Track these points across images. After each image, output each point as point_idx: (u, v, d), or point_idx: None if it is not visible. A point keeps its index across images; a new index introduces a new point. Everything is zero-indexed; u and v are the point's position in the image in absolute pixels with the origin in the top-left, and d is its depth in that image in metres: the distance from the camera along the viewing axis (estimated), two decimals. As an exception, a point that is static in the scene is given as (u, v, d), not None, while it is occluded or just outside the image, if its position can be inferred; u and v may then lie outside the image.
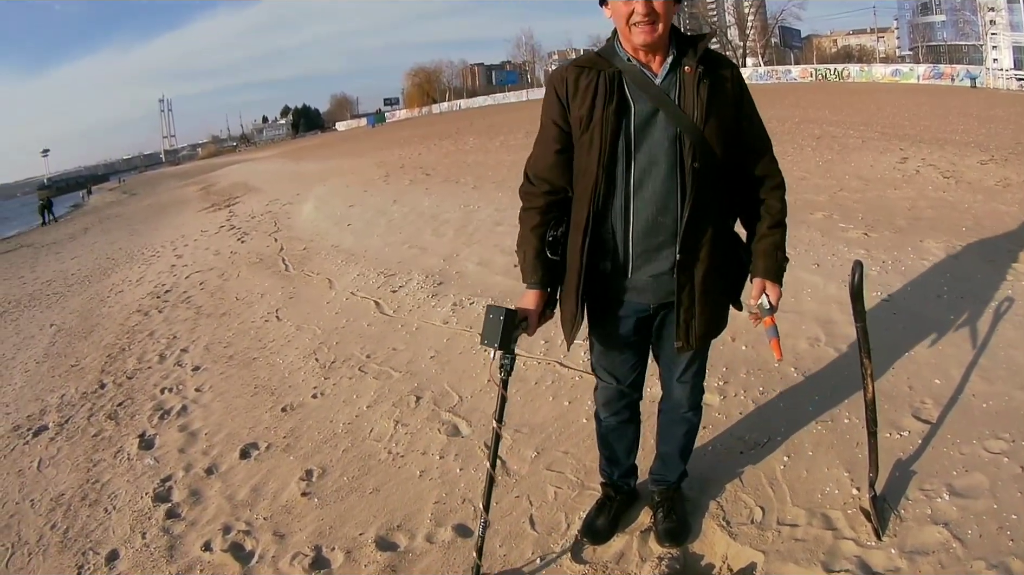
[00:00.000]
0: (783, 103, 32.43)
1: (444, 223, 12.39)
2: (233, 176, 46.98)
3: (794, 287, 7.03)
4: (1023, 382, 4.98)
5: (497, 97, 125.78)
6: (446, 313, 8.01)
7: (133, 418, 7.05)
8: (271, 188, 28.67)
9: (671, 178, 3.11)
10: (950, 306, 6.31)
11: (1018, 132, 18.16)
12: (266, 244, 15.18)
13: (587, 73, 3.17)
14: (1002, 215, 8.95)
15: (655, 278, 3.26)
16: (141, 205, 45.27)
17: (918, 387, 5.08)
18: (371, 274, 10.27)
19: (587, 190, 3.18)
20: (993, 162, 12.45)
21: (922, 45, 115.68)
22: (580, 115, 3.15)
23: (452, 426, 5.49)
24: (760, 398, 5.25)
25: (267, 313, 9.69)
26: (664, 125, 3.10)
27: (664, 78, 3.13)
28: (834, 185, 11.32)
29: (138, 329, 10.55)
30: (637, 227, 3.18)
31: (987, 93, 44.37)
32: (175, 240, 20.04)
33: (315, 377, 7.04)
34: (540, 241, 3.38)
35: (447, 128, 46.79)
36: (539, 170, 3.37)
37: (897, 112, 25.19)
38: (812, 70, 77.82)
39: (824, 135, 17.77)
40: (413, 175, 20.08)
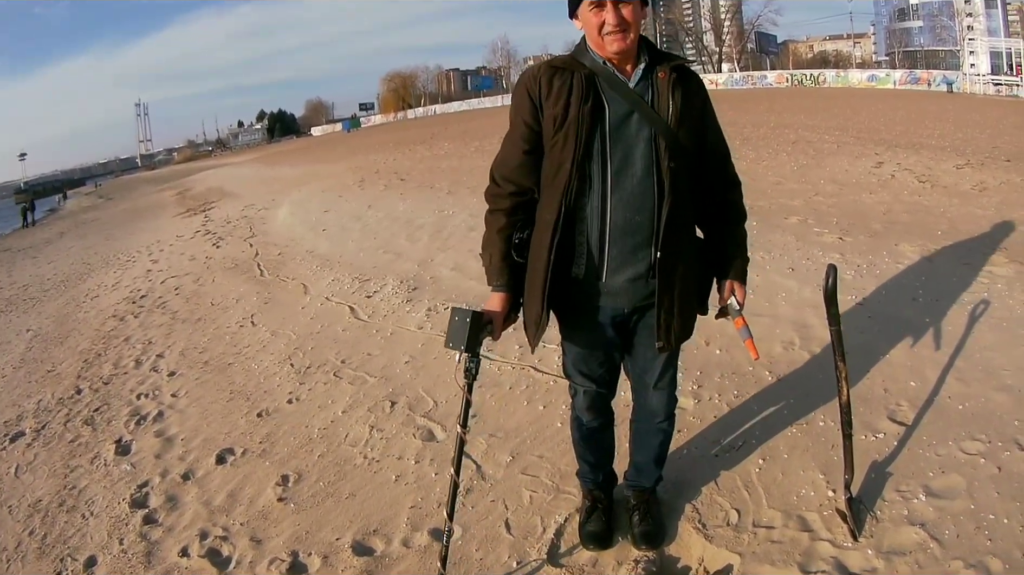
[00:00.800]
0: (758, 108, 32.71)
1: (419, 228, 12.39)
2: (209, 181, 46.85)
3: (769, 291, 7.11)
4: (999, 383, 5.03)
5: (472, 103, 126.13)
6: (420, 318, 8.00)
7: (109, 424, 6.98)
8: (247, 193, 28.58)
9: (647, 178, 3.13)
10: (926, 309, 6.37)
11: (994, 136, 18.40)
12: (241, 249, 15.09)
13: (561, 73, 3.18)
14: (978, 218, 9.05)
15: (631, 281, 3.25)
16: (117, 210, 45.04)
17: (894, 389, 5.12)
18: (346, 279, 10.25)
19: (559, 189, 3.16)
20: (969, 166, 12.58)
21: (899, 51, 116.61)
22: (555, 114, 3.14)
23: (427, 431, 5.47)
24: (735, 401, 5.27)
25: (242, 318, 9.63)
26: (639, 126, 3.13)
27: (638, 82, 3.17)
28: (809, 190, 11.40)
29: (114, 334, 10.45)
30: (613, 228, 3.17)
31: (964, 98, 44.89)
32: (151, 245, 19.88)
33: (290, 382, 6.99)
34: (506, 243, 3.36)
35: (422, 133, 46.87)
36: (506, 171, 3.36)
37: (873, 117, 25.45)
38: (788, 75, 78.47)
39: (799, 140, 17.93)
40: (388, 180, 20.07)
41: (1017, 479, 3.95)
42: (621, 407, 4.07)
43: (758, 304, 6.84)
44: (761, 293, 7.12)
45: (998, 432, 4.43)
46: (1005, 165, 12.82)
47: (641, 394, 3.75)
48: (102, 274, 16.92)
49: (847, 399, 3.62)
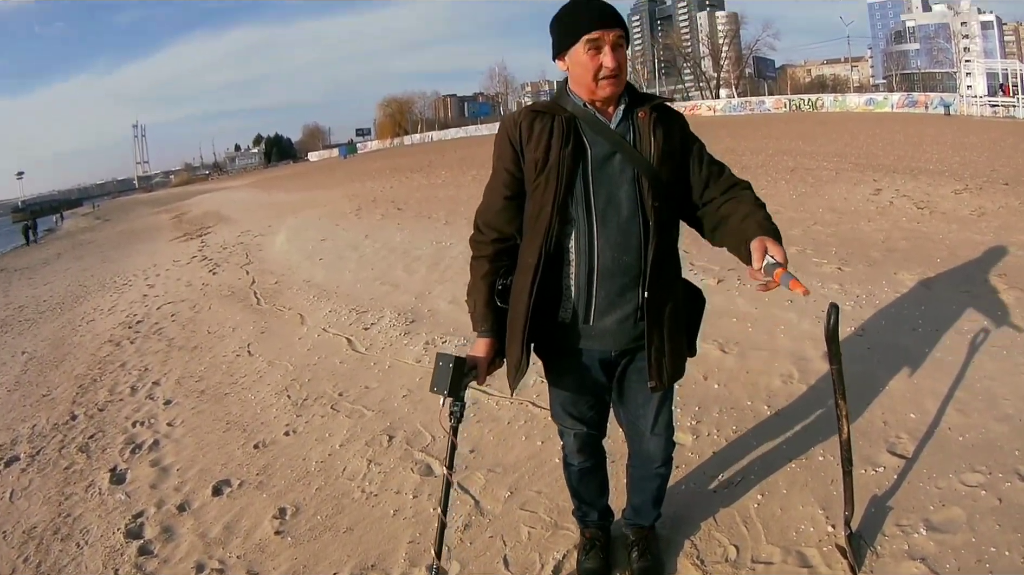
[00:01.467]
0: (756, 135, 32.73)
1: (416, 259, 12.41)
2: (205, 205, 46.91)
3: (767, 324, 7.10)
4: (1000, 413, 5.03)
5: (469, 129, 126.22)
6: (418, 352, 7.98)
7: (104, 451, 6.96)
8: (243, 218, 28.62)
9: (633, 218, 3.12)
10: (925, 339, 6.36)
11: (992, 159, 18.41)
12: (238, 276, 15.09)
13: (542, 117, 3.19)
14: (977, 244, 9.05)
15: (619, 323, 3.23)
16: (114, 231, 45.08)
17: (893, 422, 5.12)
18: (343, 310, 10.24)
19: (540, 232, 3.15)
20: (967, 191, 12.60)
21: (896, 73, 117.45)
22: (536, 158, 3.14)
23: (425, 466, 5.45)
24: (733, 436, 5.25)
25: (239, 348, 9.61)
26: (622, 166, 3.12)
27: (619, 123, 3.18)
28: (808, 218, 11.38)
29: (109, 360, 10.44)
30: (601, 269, 3.14)
31: (961, 120, 44.82)
32: (147, 269, 19.93)
33: (287, 414, 6.97)
34: (490, 290, 3.37)
35: (419, 161, 46.91)
36: (488, 218, 3.38)
37: (871, 142, 25.44)
38: (786, 100, 78.15)
39: (798, 167, 17.93)
40: (385, 209, 20.10)
41: (1018, 510, 3.95)
42: (618, 443, 4.05)
43: (757, 338, 6.87)
44: (760, 326, 7.13)
45: (999, 463, 4.43)
46: (1003, 188, 12.85)
47: (636, 440, 3.72)
48: (98, 297, 16.95)
49: (847, 436, 3.60)
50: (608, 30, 3.02)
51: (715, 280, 8.49)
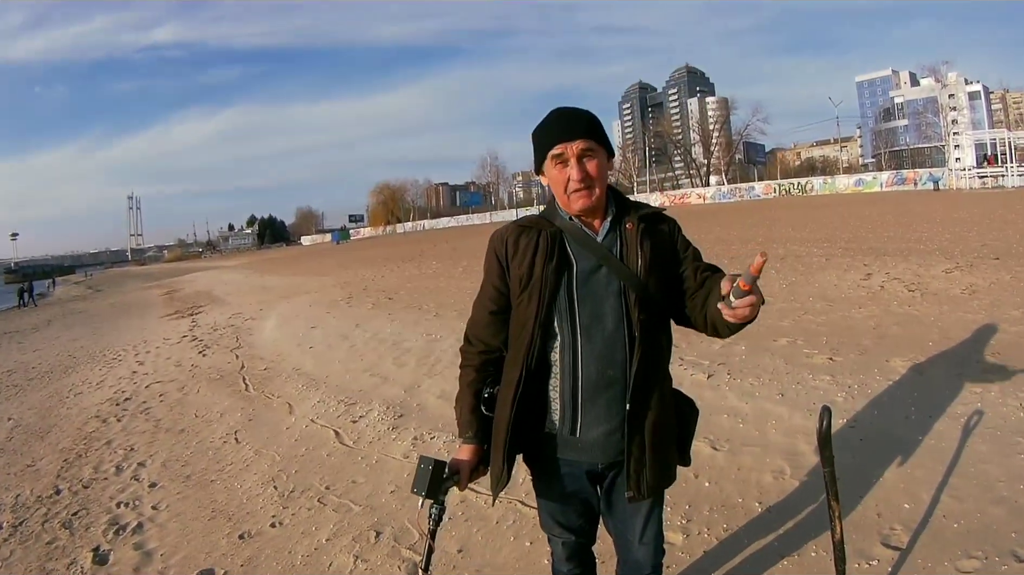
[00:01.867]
0: (746, 223, 32.82)
1: (406, 352, 12.37)
2: (198, 283, 46.88)
3: (758, 419, 7.10)
4: (995, 496, 5.05)
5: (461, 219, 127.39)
6: (407, 447, 7.95)
7: (88, 530, 6.94)
8: (235, 300, 28.62)
9: (618, 331, 3.12)
10: (918, 426, 6.36)
11: (982, 233, 18.50)
12: (227, 360, 15.08)
13: (528, 232, 3.24)
14: (969, 324, 9.10)
15: (606, 436, 3.21)
16: (105, 303, 44.92)
17: (887, 513, 5.12)
18: (332, 401, 10.21)
19: (522, 347, 3.18)
20: (958, 269, 12.63)
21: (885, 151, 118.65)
22: (520, 274, 3.19)
23: (412, 564, 5.42)
24: (724, 535, 5.24)
25: (226, 434, 9.58)
26: (607, 280, 3.14)
27: (606, 235, 3.21)
28: (798, 308, 11.39)
29: (96, 436, 10.42)
30: (586, 383, 3.13)
31: (950, 195, 45.25)
32: (137, 345, 19.89)
33: (274, 505, 6.94)
34: (475, 398, 3.38)
35: (410, 250, 46.91)
36: (476, 331, 3.44)
37: (860, 224, 25.54)
38: (775, 185, 79.32)
39: (788, 255, 17.91)
40: (376, 298, 20.08)
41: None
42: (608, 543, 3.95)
43: (748, 433, 6.85)
44: (751, 421, 7.11)
45: (995, 547, 4.45)
46: (994, 263, 12.91)
47: (624, 550, 3.64)
48: (87, 370, 16.91)
49: (840, 537, 3.62)
50: (570, 142, 3.08)
51: (705, 375, 8.44)
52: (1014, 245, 15.41)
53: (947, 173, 59.81)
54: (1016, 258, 13.34)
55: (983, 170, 55.63)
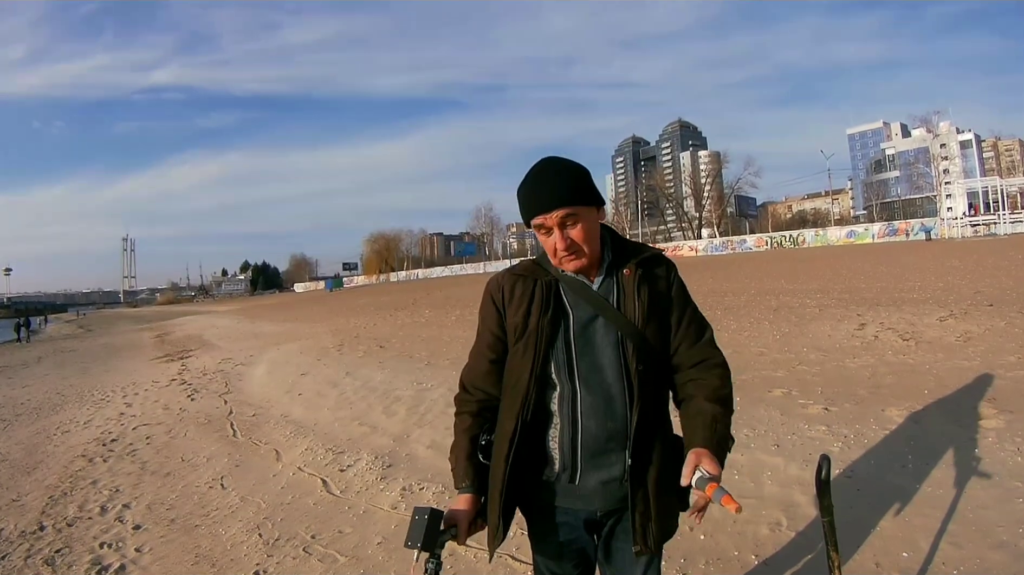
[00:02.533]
0: (738, 275, 32.91)
1: (396, 400, 12.28)
2: (189, 327, 46.86)
3: (754, 470, 7.02)
4: (995, 541, 5.01)
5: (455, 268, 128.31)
6: (395, 498, 7.82)
7: (70, 568, 6.84)
8: (225, 345, 28.59)
9: (617, 383, 3.02)
10: (915, 474, 6.31)
11: (975, 281, 18.65)
12: (216, 405, 14.96)
13: (523, 281, 3.16)
14: (964, 371, 9.09)
15: (604, 484, 3.12)
16: (96, 343, 44.89)
17: (886, 563, 5.05)
18: (320, 449, 10.09)
19: (517, 400, 3.07)
20: (952, 317, 12.65)
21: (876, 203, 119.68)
22: (515, 323, 3.12)
23: (397, 619, 5.33)
24: (720, 589, 5.11)
25: (212, 479, 9.46)
26: (605, 331, 3.06)
27: (601, 283, 3.12)
28: (792, 359, 11.35)
29: (81, 475, 10.31)
30: (585, 435, 3.03)
31: (942, 244, 45.68)
32: (126, 387, 19.76)
33: (258, 553, 6.81)
34: (472, 444, 3.25)
35: (403, 299, 46.94)
36: (474, 378, 3.32)
37: (853, 275, 25.65)
38: (767, 238, 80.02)
39: (781, 306, 17.97)
40: (367, 346, 20.05)
41: None
42: None
43: (743, 485, 6.76)
44: (746, 473, 7.04)
45: None
46: (988, 310, 12.95)
47: None
48: (75, 409, 16.80)
49: None
50: (548, 214, 2.98)
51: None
52: (1008, 292, 15.57)
53: (939, 223, 60.35)
54: (1010, 304, 13.45)
55: (975, 218, 56.13)
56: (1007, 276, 18.79)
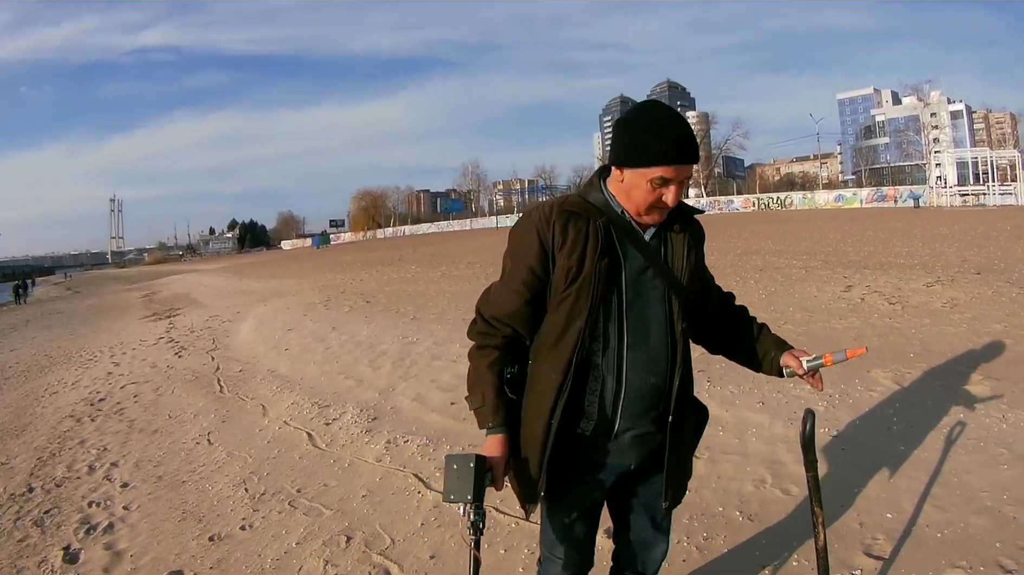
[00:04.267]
0: (725, 235, 32.77)
1: (381, 355, 12.26)
2: (176, 286, 46.70)
3: (738, 428, 7.03)
4: (979, 506, 5.00)
5: (441, 225, 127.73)
6: (380, 451, 7.80)
7: (59, 528, 6.80)
8: (213, 303, 28.51)
9: (662, 338, 2.95)
10: (900, 437, 6.31)
11: (963, 249, 18.59)
12: (203, 362, 14.92)
13: (576, 220, 2.89)
14: (950, 337, 9.09)
15: (639, 437, 3.05)
16: (84, 304, 44.65)
17: (869, 523, 5.04)
18: (305, 404, 10.08)
19: (567, 348, 2.88)
20: (939, 283, 12.64)
21: (865, 168, 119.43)
22: (569, 265, 2.84)
23: (384, 570, 5.28)
24: (704, 544, 5.13)
25: (199, 435, 9.43)
26: (653, 284, 2.94)
27: (652, 236, 2.99)
28: (778, 318, 11.31)
29: (69, 435, 10.25)
30: (630, 389, 2.93)
31: (931, 212, 45.59)
32: (114, 346, 19.67)
33: (244, 508, 6.79)
34: (500, 378, 3.03)
35: (390, 254, 46.87)
36: (504, 315, 3.02)
37: (840, 239, 25.61)
38: (755, 199, 79.57)
39: (767, 266, 17.95)
40: (353, 302, 20.01)
41: None
42: None
43: (728, 441, 6.77)
44: (731, 430, 7.04)
45: (979, 556, 4.39)
46: (975, 278, 12.93)
47: (635, 549, 3.45)
48: (63, 370, 16.69)
49: (823, 544, 3.51)
50: (685, 166, 2.79)
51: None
52: (995, 261, 15.47)
53: (928, 191, 60.03)
54: (997, 273, 13.39)
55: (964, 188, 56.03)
56: (995, 246, 18.75)
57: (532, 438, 3.00)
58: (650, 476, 3.21)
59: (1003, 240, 20.40)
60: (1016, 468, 5.51)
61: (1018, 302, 10.67)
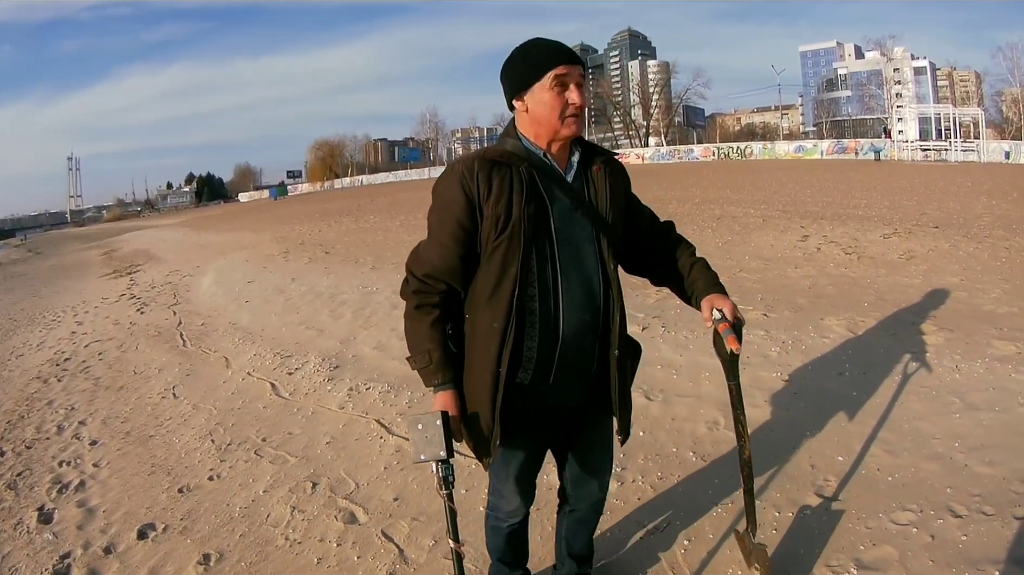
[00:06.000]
0: (684, 183, 32.91)
1: (342, 304, 12.30)
2: (136, 243, 46.07)
3: (692, 371, 7.16)
4: (929, 452, 5.12)
5: (399, 174, 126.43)
6: (342, 398, 7.88)
7: (32, 490, 6.79)
8: (172, 258, 28.12)
9: (594, 276, 3.04)
10: (852, 382, 6.44)
11: (923, 203, 18.78)
12: (165, 317, 14.79)
13: (499, 168, 2.93)
14: (905, 288, 9.24)
15: (578, 378, 3.14)
16: (44, 265, 43.96)
17: (820, 465, 5.16)
18: (268, 354, 10.11)
19: (505, 294, 2.92)
20: (896, 235, 12.79)
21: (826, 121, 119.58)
22: (497, 214, 2.89)
23: (349, 513, 5.37)
24: (659, 483, 5.25)
25: (164, 390, 9.43)
26: (581, 224, 3.03)
27: (574, 177, 3.08)
28: (733, 266, 11.45)
29: (37, 397, 10.17)
30: (567, 330, 3.00)
31: (891, 166, 45.53)
32: (76, 306, 19.38)
33: (211, 459, 6.84)
34: (443, 335, 3.08)
35: (348, 204, 46.47)
36: (436, 271, 3.05)
37: (799, 189, 25.74)
38: (715, 149, 78.95)
39: (724, 215, 18.02)
40: (312, 253, 19.93)
41: (951, 546, 4.02)
42: None
43: (682, 384, 6.90)
44: (685, 373, 7.16)
45: (929, 501, 4.49)
46: (933, 232, 13.07)
47: (583, 483, 3.58)
48: (27, 332, 16.45)
49: (748, 456, 3.65)
50: (574, 66, 2.94)
51: (640, 327, 8.51)
52: (954, 216, 15.63)
53: (889, 144, 59.91)
54: (956, 228, 13.55)
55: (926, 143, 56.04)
56: (954, 201, 18.88)
57: (480, 389, 3.05)
58: (592, 412, 3.33)
59: (963, 196, 20.58)
60: (968, 417, 5.63)
61: (975, 256, 10.84)
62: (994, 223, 14.20)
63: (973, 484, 4.68)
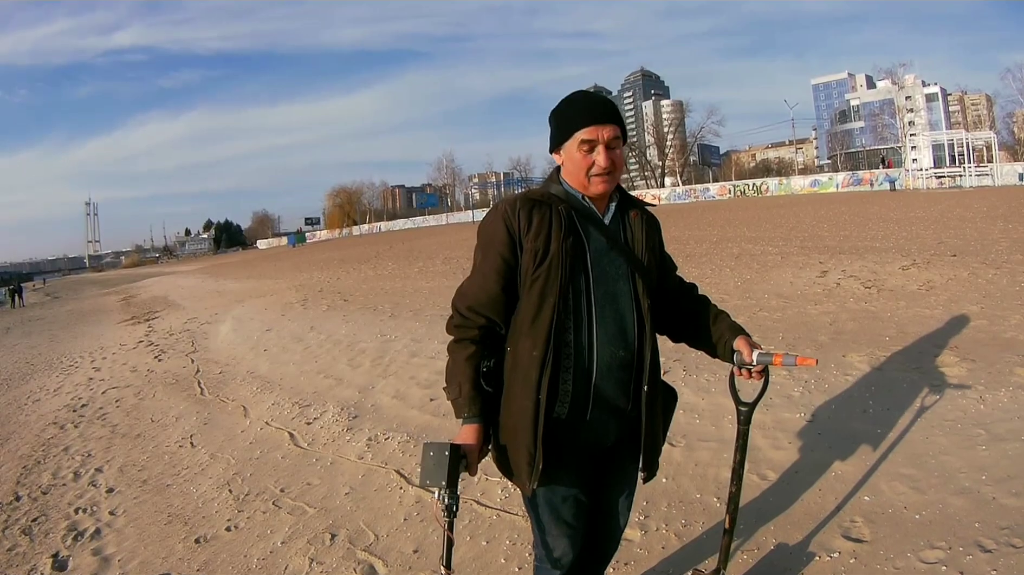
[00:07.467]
0: (701, 223, 32.85)
1: (360, 353, 12.27)
2: (154, 289, 46.38)
3: (714, 414, 7.06)
4: (957, 487, 5.02)
5: (417, 220, 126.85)
6: (361, 448, 7.84)
7: (47, 536, 6.81)
8: (190, 305, 28.29)
9: (629, 314, 3.11)
10: (876, 419, 6.33)
11: (939, 231, 18.55)
12: (183, 364, 14.88)
13: (540, 207, 3.08)
14: (926, 319, 9.10)
15: (613, 415, 3.17)
16: (63, 310, 44.29)
17: (847, 506, 5.08)
18: (286, 404, 10.09)
19: (544, 324, 2.99)
20: (915, 266, 12.63)
21: (840, 153, 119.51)
22: (536, 247, 3.01)
23: (368, 566, 5.32)
24: (683, 531, 5.18)
25: (181, 438, 9.43)
26: (617, 263, 3.12)
27: (611, 220, 3.20)
28: (753, 305, 11.35)
29: (53, 442, 10.23)
30: (601, 364, 3.06)
31: (907, 195, 45.33)
32: (94, 351, 19.57)
33: (229, 509, 6.82)
34: (476, 371, 3.11)
35: (366, 252, 46.65)
36: (476, 305, 3.14)
37: (816, 224, 25.58)
38: (730, 187, 78.65)
39: (743, 253, 17.92)
40: (331, 300, 19.94)
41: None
42: None
43: (704, 429, 6.81)
44: (707, 417, 7.07)
45: (958, 537, 4.42)
46: (951, 260, 12.93)
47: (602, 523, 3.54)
48: (45, 377, 16.62)
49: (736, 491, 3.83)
50: (602, 127, 3.03)
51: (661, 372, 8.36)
52: (971, 243, 15.45)
53: (903, 174, 59.90)
54: (974, 255, 13.39)
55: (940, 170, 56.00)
56: (971, 227, 18.73)
57: (521, 417, 3.08)
58: (623, 451, 3.34)
59: (979, 221, 20.42)
60: (994, 448, 5.54)
61: (994, 283, 10.71)
62: (1012, 247, 14.06)
63: (1001, 517, 4.61)
